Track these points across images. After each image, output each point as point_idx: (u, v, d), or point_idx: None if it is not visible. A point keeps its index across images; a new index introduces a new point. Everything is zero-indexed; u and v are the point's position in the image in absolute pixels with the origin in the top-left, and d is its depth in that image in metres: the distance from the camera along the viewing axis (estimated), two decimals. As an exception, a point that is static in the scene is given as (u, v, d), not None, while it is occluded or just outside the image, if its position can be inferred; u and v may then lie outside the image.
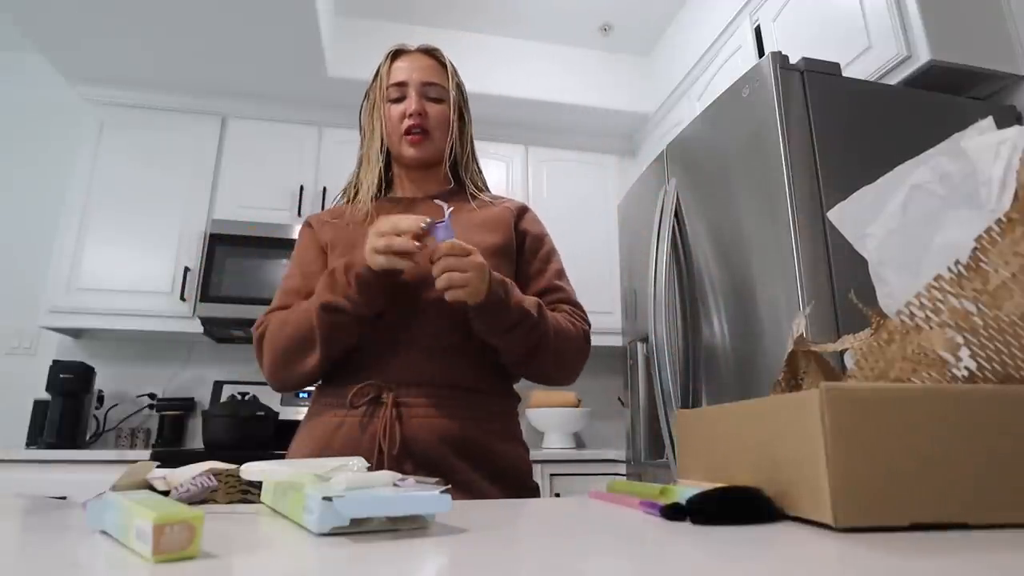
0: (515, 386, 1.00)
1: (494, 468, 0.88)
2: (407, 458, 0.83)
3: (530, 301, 0.88)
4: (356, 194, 1.03)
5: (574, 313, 0.99)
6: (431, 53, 1.04)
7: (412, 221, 0.80)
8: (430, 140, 0.99)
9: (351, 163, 1.08)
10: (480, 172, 1.09)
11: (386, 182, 1.06)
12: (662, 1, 2.73)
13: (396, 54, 1.03)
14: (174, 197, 2.61)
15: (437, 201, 0.87)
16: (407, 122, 0.98)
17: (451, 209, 0.83)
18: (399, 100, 1.00)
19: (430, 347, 0.89)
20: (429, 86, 1.00)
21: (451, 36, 2.81)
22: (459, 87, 1.05)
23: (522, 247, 1.02)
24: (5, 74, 2.96)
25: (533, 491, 0.93)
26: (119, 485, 0.50)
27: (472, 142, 1.07)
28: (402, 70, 1.01)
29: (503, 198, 1.07)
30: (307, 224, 1.04)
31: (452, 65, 1.05)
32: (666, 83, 2.83)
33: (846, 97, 1.47)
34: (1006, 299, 0.45)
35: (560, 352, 0.92)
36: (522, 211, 1.06)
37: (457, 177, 1.05)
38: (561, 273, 1.04)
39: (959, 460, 0.40)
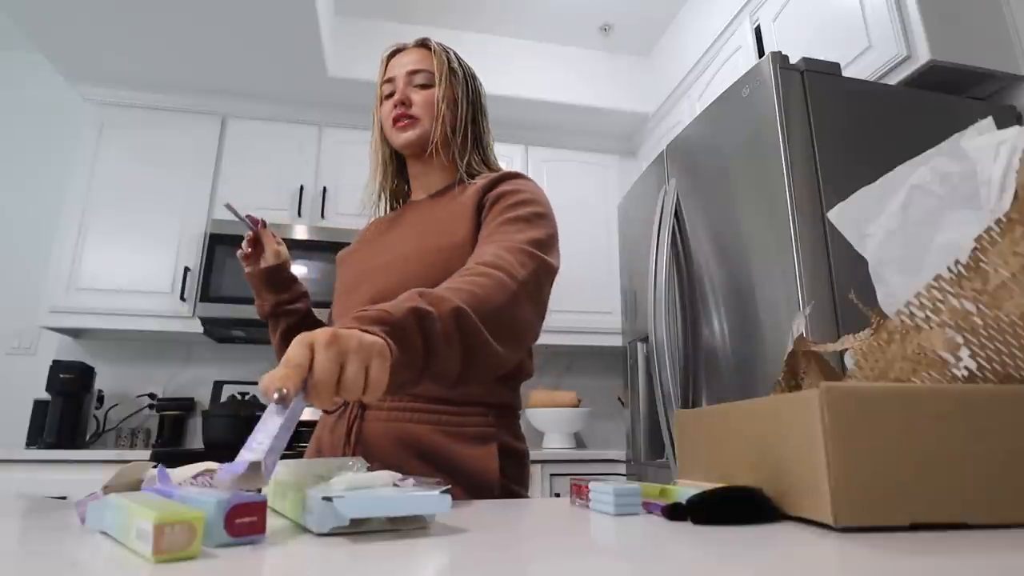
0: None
1: (456, 471, 0.80)
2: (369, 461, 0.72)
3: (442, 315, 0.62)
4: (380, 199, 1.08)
5: (502, 259, 0.74)
6: (422, 43, 1.03)
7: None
8: (417, 124, 0.97)
9: (351, 163, 1.09)
10: (482, 157, 1.02)
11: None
12: (662, 1, 2.73)
13: (392, 54, 1.04)
14: (174, 197, 2.61)
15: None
16: (394, 112, 0.98)
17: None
18: (391, 96, 1.00)
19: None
20: (415, 74, 0.99)
21: (451, 36, 2.81)
22: (452, 71, 1.01)
23: (486, 216, 0.89)
24: (5, 74, 2.96)
25: (492, 493, 0.80)
26: (111, 486, 0.50)
27: (468, 124, 1.00)
28: (393, 67, 1.01)
29: (495, 172, 0.97)
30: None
31: (446, 51, 1.02)
32: (666, 83, 2.83)
33: (846, 97, 1.47)
34: (1006, 299, 0.45)
35: (493, 331, 0.67)
36: (498, 180, 0.92)
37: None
38: (515, 220, 0.84)
39: (959, 460, 0.40)
